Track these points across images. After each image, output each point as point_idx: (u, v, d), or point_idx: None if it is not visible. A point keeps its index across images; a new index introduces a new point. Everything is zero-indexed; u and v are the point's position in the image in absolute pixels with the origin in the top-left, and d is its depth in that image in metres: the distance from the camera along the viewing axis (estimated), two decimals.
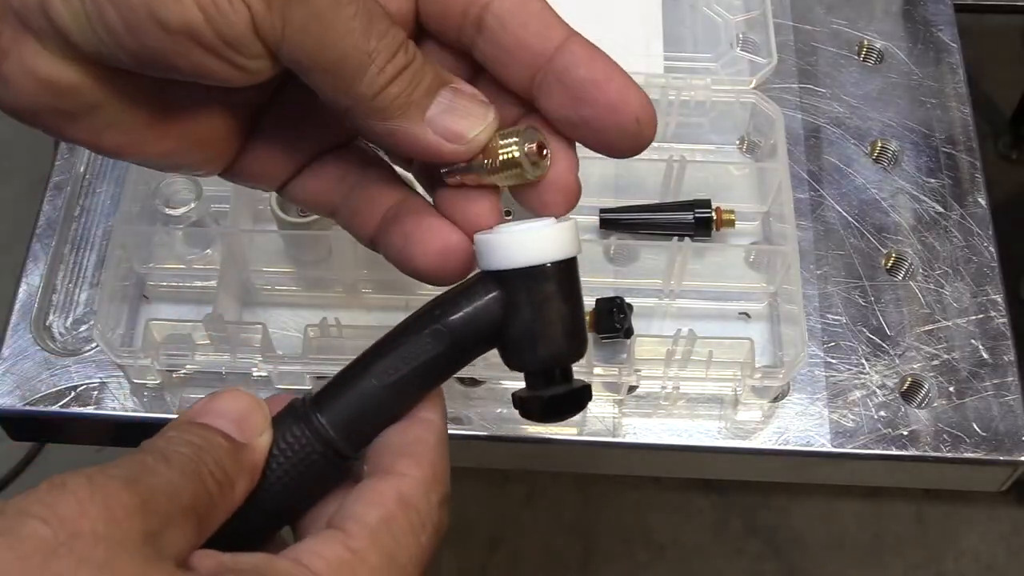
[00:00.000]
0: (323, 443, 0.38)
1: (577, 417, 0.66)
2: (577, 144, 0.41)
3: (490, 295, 0.39)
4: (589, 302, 0.67)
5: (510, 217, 0.41)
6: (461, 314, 0.39)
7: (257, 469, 0.38)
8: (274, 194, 0.62)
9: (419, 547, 0.37)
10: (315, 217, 0.67)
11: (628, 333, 0.65)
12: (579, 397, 0.40)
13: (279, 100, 0.43)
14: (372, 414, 0.39)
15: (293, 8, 0.36)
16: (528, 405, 0.40)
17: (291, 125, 0.43)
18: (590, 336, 0.64)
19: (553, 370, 0.40)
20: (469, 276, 0.40)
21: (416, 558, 0.36)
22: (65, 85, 0.37)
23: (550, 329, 0.39)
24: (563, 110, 0.39)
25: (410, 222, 0.40)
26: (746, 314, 0.69)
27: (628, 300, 0.68)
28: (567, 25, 0.39)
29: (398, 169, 0.44)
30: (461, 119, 0.38)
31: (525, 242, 0.38)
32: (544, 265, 0.38)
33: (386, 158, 0.45)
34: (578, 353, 0.40)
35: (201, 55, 0.36)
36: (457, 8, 0.39)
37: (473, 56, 0.41)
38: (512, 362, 0.39)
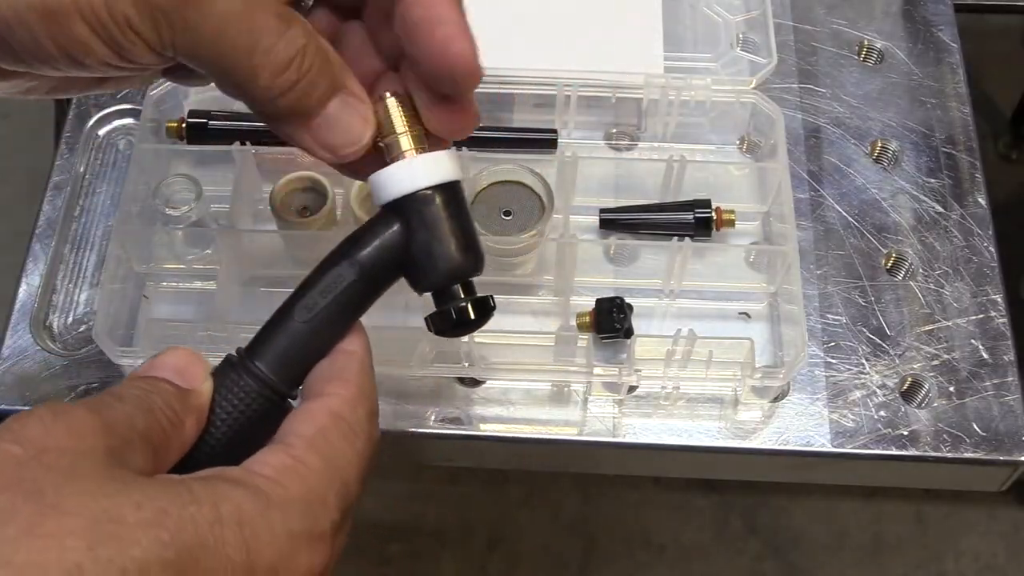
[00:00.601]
0: (260, 384, 0.43)
1: (577, 417, 0.66)
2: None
3: (390, 224, 0.44)
4: (589, 302, 0.67)
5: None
6: (367, 245, 0.44)
7: (203, 411, 0.42)
8: (268, 195, 0.63)
9: (355, 452, 0.41)
10: (315, 217, 0.67)
11: (628, 333, 0.65)
12: (483, 306, 0.45)
13: None
14: (301, 350, 0.44)
15: (187, 15, 0.39)
16: (437, 320, 0.44)
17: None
18: (590, 335, 0.64)
19: (454, 285, 0.44)
20: (375, 214, 0.45)
21: (352, 462, 0.41)
22: None
23: (445, 246, 0.43)
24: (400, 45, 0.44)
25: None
26: (746, 314, 0.69)
27: (628, 300, 0.68)
28: None
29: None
30: (340, 135, 0.43)
31: (407, 172, 0.43)
32: (427, 189, 0.43)
33: None
34: (474, 266, 0.45)
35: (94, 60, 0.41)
36: None
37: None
38: (417, 285, 0.44)
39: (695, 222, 0.70)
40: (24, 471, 0.34)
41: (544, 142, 0.73)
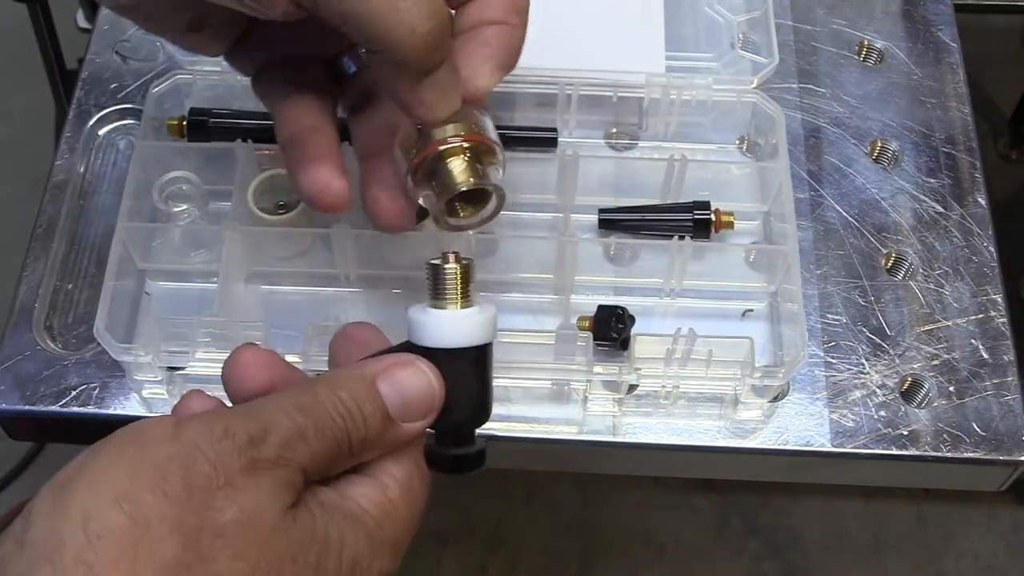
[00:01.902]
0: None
1: (577, 416, 0.66)
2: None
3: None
4: (591, 304, 0.67)
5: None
6: None
7: (395, 447, 0.44)
8: (251, 192, 0.67)
9: (421, 508, 0.45)
10: (294, 212, 0.67)
11: (624, 344, 0.65)
12: (480, 458, 0.47)
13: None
14: None
15: None
16: (438, 461, 0.46)
17: (272, 32, 0.53)
18: (588, 337, 0.64)
19: (461, 433, 0.47)
20: (399, 344, 0.47)
21: (418, 517, 0.45)
22: None
23: (462, 400, 0.46)
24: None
25: (306, 150, 0.53)
26: (750, 310, 0.69)
27: (628, 299, 0.68)
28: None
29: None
30: (442, 97, 0.48)
31: (450, 328, 0.45)
32: (464, 348, 0.45)
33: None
34: (482, 420, 0.48)
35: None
36: None
37: None
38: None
39: (694, 224, 0.70)
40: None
41: (544, 141, 0.73)
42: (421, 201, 0.52)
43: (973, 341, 0.69)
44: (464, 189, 0.49)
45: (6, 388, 0.66)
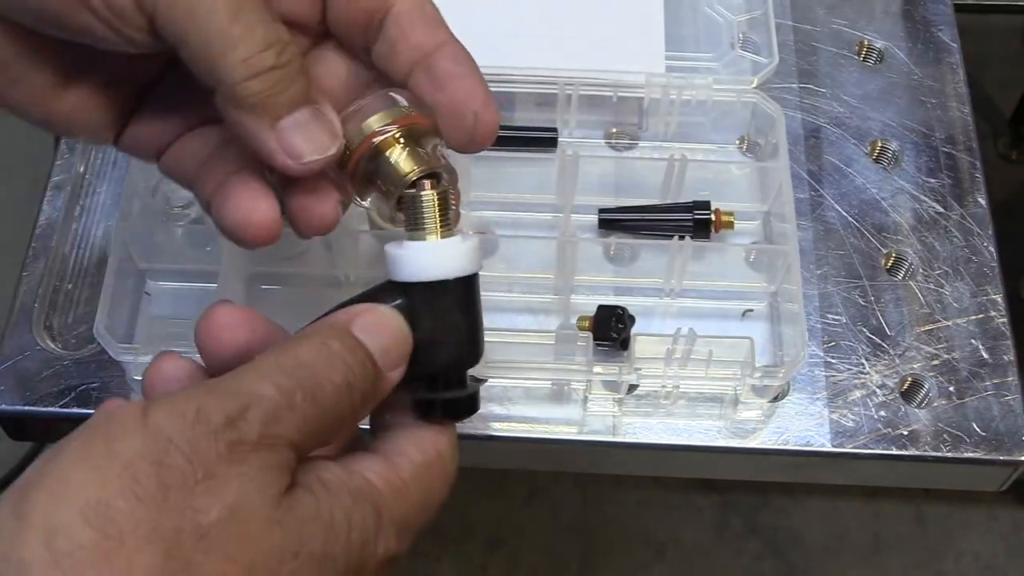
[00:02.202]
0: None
1: (577, 416, 0.66)
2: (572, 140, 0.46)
3: (395, 303, 0.42)
4: (591, 304, 0.67)
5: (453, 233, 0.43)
6: None
7: (381, 398, 0.40)
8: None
9: (442, 494, 0.42)
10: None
11: (624, 344, 0.65)
12: (473, 402, 0.44)
13: (169, 74, 0.46)
14: None
15: None
16: (428, 407, 0.43)
17: (173, 98, 0.46)
18: (588, 337, 0.64)
19: (450, 375, 0.43)
20: (378, 284, 0.43)
21: (439, 501, 0.42)
22: None
23: (449, 338, 0.42)
24: (422, 94, 0.44)
25: (229, 186, 0.44)
26: (750, 310, 0.69)
27: (629, 299, 0.68)
28: (449, 29, 0.44)
29: None
30: (306, 141, 0.41)
31: (428, 259, 0.42)
32: (446, 280, 0.42)
33: None
34: (473, 361, 0.44)
35: (91, 19, 0.39)
36: (362, 12, 0.44)
37: (371, 58, 0.45)
38: (413, 365, 0.42)
39: (694, 224, 0.70)
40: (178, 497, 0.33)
41: (544, 141, 0.73)
42: (368, 206, 0.46)
43: (973, 341, 0.69)
44: (414, 178, 0.43)
45: (6, 388, 0.66)
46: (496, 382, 0.66)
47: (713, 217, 0.70)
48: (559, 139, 0.74)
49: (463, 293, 0.42)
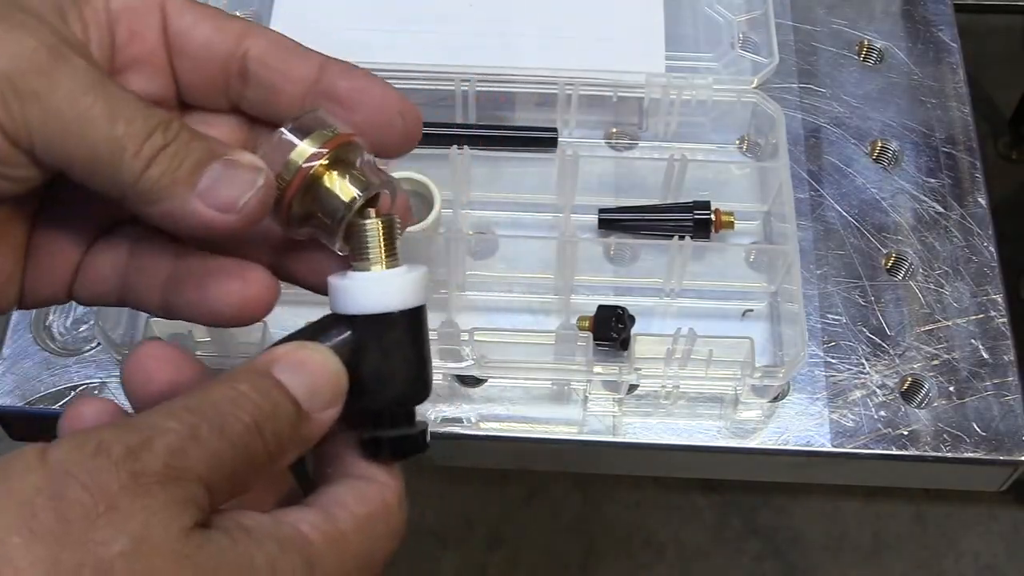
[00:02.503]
0: None
1: (577, 416, 0.66)
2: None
3: (340, 337, 0.40)
4: (591, 304, 0.67)
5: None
6: None
7: (310, 443, 0.38)
8: None
9: (387, 551, 0.39)
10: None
11: (624, 344, 0.65)
12: (422, 440, 0.41)
13: (47, 204, 0.42)
14: None
15: (30, 109, 0.35)
16: (375, 446, 0.40)
17: (62, 224, 0.42)
18: (588, 337, 0.64)
19: (397, 411, 0.41)
20: (321, 317, 0.41)
21: (382, 559, 0.38)
22: None
23: (397, 373, 0.40)
24: (334, 121, 0.40)
25: (200, 274, 0.40)
26: (750, 310, 0.69)
27: (629, 299, 0.68)
28: (318, 52, 0.41)
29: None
30: (231, 188, 0.38)
31: (375, 290, 0.39)
32: (392, 313, 0.39)
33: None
34: (421, 397, 0.41)
35: None
36: (216, 68, 0.41)
37: (242, 108, 0.42)
38: (358, 401, 0.40)
39: (694, 224, 0.70)
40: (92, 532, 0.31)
41: (544, 141, 0.74)
42: (305, 237, 0.42)
43: (973, 341, 0.69)
44: (361, 202, 0.40)
45: (6, 388, 0.66)
46: (496, 382, 0.66)
47: (713, 217, 0.70)
48: (559, 139, 0.74)
49: (410, 325, 0.40)
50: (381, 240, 0.40)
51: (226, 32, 0.41)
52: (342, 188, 0.40)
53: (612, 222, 0.71)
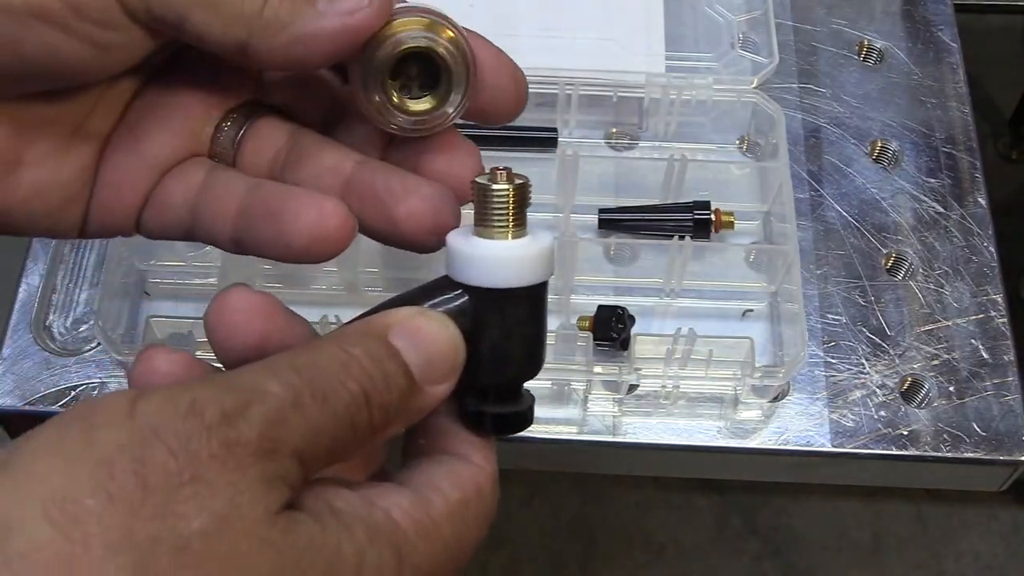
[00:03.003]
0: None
1: (577, 416, 0.66)
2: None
3: (458, 306, 0.37)
4: (591, 304, 0.67)
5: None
6: None
7: (418, 418, 0.35)
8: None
9: (478, 538, 0.36)
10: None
11: (624, 344, 0.65)
12: (529, 415, 0.39)
13: (123, 126, 0.40)
14: None
15: None
16: (478, 420, 0.38)
17: (137, 147, 0.40)
18: (588, 337, 0.64)
19: (511, 388, 0.39)
20: (436, 279, 0.38)
21: (471, 545, 0.36)
22: None
23: (515, 350, 0.38)
24: None
25: (274, 203, 0.38)
26: (750, 310, 0.69)
27: (629, 299, 0.68)
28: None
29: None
30: None
31: (502, 263, 0.37)
32: (517, 288, 0.37)
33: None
34: (535, 374, 0.39)
35: (56, 37, 0.34)
36: None
37: None
38: (473, 377, 0.38)
39: (694, 224, 0.70)
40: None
41: (544, 141, 0.74)
42: (363, 99, 0.38)
43: (973, 341, 0.69)
44: (409, 45, 0.37)
45: (6, 388, 0.66)
46: None
47: (713, 217, 0.70)
48: (559, 139, 0.74)
49: (534, 302, 0.38)
50: (511, 208, 0.37)
51: None
52: (403, 28, 0.37)
53: (612, 222, 0.71)
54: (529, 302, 0.37)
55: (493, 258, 0.37)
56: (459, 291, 0.37)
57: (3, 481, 0.28)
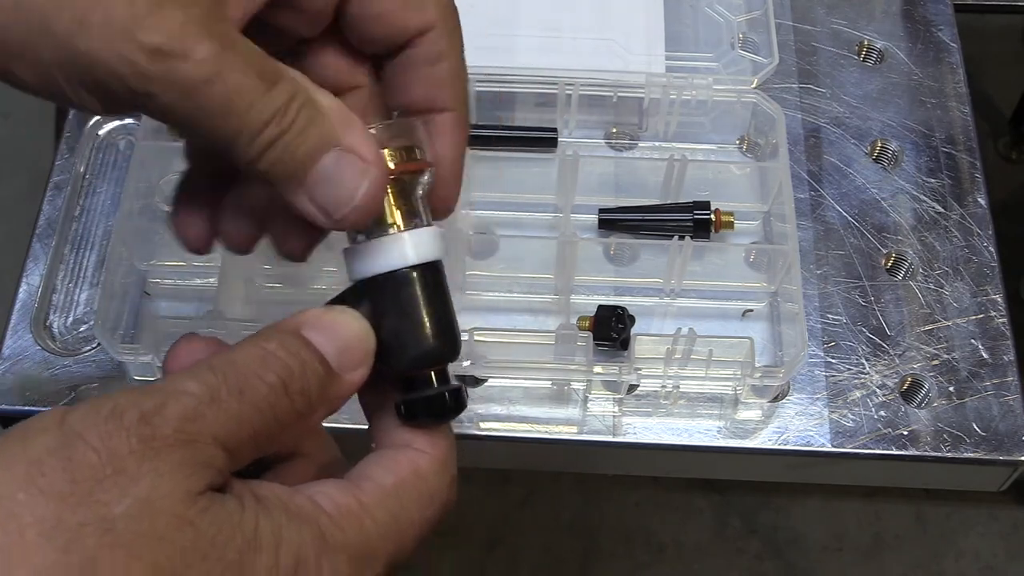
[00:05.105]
0: None
1: (577, 416, 0.66)
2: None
3: (356, 297, 0.40)
4: (591, 304, 0.67)
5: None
6: None
7: (339, 403, 0.38)
8: None
9: (423, 519, 0.39)
10: None
11: (624, 344, 0.65)
12: (452, 399, 0.41)
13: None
14: None
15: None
16: (408, 410, 0.40)
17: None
18: (588, 337, 0.64)
19: (427, 372, 0.40)
20: (345, 288, 0.41)
21: (416, 526, 0.38)
22: None
23: (416, 330, 0.40)
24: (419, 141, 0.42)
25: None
26: (750, 310, 0.69)
27: (629, 299, 0.68)
28: (461, 91, 0.43)
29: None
30: (331, 191, 0.38)
31: (384, 250, 0.39)
32: (401, 269, 0.39)
33: None
34: (448, 355, 0.41)
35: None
36: (396, 33, 0.42)
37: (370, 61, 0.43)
38: (384, 363, 0.40)
39: (694, 224, 0.70)
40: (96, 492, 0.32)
41: (544, 141, 0.74)
42: None
43: (973, 341, 0.69)
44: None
45: (6, 388, 0.66)
46: (496, 382, 0.66)
47: (713, 217, 0.70)
48: (559, 139, 0.74)
49: (425, 282, 0.40)
50: (391, 203, 0.40)
51: None
52: (388, 210, 0.40)
53: (612, 222, 0.71)
54: (418, 282, 0.40)
55: (373, 247, 0.40)
56: (359, 289, 0.40)
57: None
